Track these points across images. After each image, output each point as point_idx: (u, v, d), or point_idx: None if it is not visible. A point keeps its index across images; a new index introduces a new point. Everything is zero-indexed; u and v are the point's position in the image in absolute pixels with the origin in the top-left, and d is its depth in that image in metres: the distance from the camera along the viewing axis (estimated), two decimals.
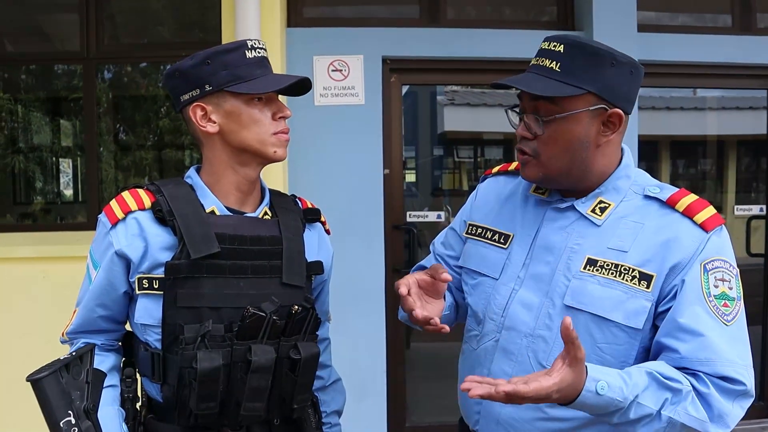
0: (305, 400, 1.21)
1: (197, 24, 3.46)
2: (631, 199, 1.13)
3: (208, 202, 1.18)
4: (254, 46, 1.17)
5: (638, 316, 1.05)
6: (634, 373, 0.98)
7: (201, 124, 1.17)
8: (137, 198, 1.16)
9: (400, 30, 3.05)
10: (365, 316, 3.01)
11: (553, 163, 1.10)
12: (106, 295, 1.17)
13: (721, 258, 1.06)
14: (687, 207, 1.08)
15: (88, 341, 1.19)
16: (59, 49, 3.48)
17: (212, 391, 1.08)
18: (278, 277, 1.18)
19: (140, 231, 1.14)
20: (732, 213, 3.60)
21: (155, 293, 1.13)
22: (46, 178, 3.80)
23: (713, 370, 0.99)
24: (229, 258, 1.14)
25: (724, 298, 1.03)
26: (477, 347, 1.20)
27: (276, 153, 1.19)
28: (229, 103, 1.15)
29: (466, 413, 1.25)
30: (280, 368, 1.14)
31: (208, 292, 1.13)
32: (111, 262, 1.15)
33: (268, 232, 1.20)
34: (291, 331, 1.16)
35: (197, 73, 1.15)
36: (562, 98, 1.06)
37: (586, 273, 1.09)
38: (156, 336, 1.14)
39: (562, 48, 1.07)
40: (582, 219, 1.13)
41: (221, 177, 1.20)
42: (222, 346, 1.10)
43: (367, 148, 3.02)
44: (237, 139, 1.16)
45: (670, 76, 3.28)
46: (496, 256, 1.20)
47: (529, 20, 3.34)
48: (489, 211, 1.28)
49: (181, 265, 1.11)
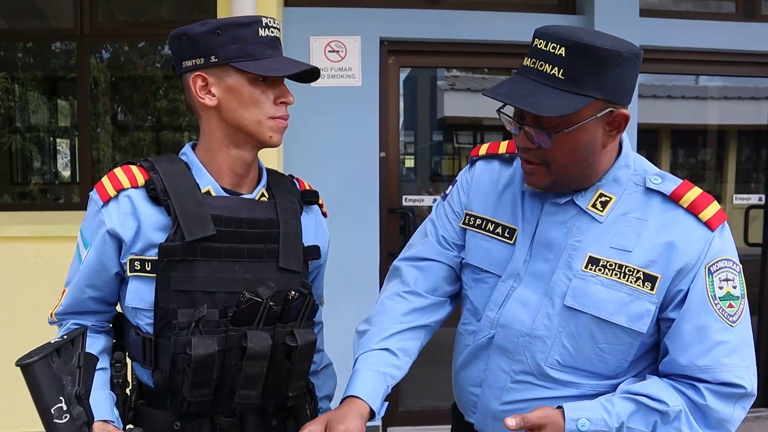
0: (301, 388, 1.18)
1: (193, 2, 3.42)
2: (632, 192, 1.08)
3: (204, 182, 1.14)
4: (268, 25, 1.12)
5: (642, 318, 1.02)
6: (617, 402, 1.00)
7: (200, 95, 1.12)
8: (130, 175, 1.12)
9: (398, 11, 3.01)
10: (359, 299, 3.00)
11: (563, 171, 1.05)
12: (97, 275, 1.14)
13: (725, 257, 1.03)
14: (692, 203, 1.04)
15: (77, 323, 1.17)
16: (54, 26, 3.45)
17: (206, 378, 1.06)
18: (275, 261, 1.15)
19: (133, 210, 1.10)
20: (731, 202, 3.59)
21: (147, 276, 1.09)
22: (44, 158, 3.79)
23: (713, 377, 0.99)
24: (224, 241, 1.10)
25: (728, 299, 1.02)
26: (471, 343, 1.17)
27: (272, 138, 1.14)
28: (232, 79, 1.10)
29: (462, 402, 1.23)
30: (275, 355, 1.11)
31: (202, 276, 1.09)
32: (103, 241, 1.11)
33: (265, 214, 1.16)
34: (287, 317, 1.13)
35: (205, 41, 1.10)
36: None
37: (588, 272, 1.05)
38: (148, 320, 1.11)
39: (564, 51, 0.95)
40: (582, 214, 1.08)
41: (215, 155, 1.16)
42: (216, 332, 1.07)
43: (364, 131, 2.99)
44: (234, 117, 1.12)
45: (672, 62, 3.25)
46: (502, 251, 1.14)
47: (531, 3, 3.29)
48: (486, 199, 1.20)
49: (175, 247, 1.07)
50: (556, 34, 0.97)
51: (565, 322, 1.05)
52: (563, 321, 1.05)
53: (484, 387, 1.14)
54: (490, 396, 1.13)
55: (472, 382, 1.17)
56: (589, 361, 1.05)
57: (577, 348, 1.05)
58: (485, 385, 1.13)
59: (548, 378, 1.07)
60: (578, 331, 1.05)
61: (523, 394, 1.09)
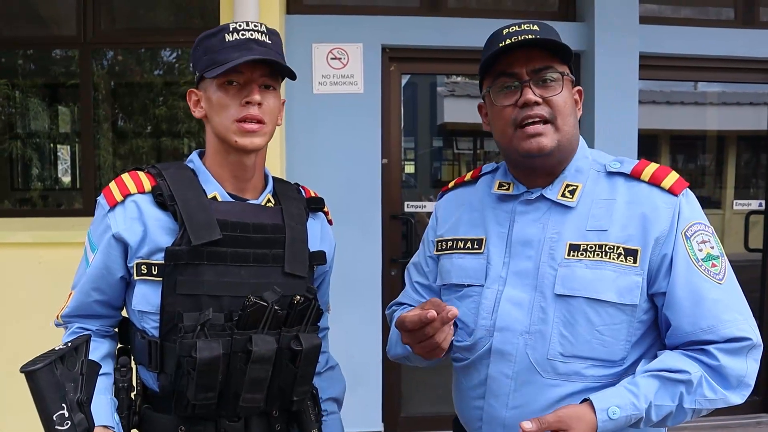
0: (305, 392, 1.19)
1: (196, 10, 3.42)
2: (595, 178, 1.15)
3: (210, 188, 1.16)
4: (237, 29, 1.12)
5: (631, 291, 1.05)
6: (641, 382, 1.00)
7: (193, 109, 1.18)
8: (137, 181, 1.14)
9: (400, 18, 3.03)
10: (361, 306, 3.01)
11: (566, 127, 1.11)
12: (103, 279, 1.15)
13: (696, 221, 1.08)
14: (652, 175, 1.11)
15: (82, 326, 1.18)
16: (56, 33, 3.46)
17: (211, 381, 1.06)
18: (280, 266, 1.16)
19: (139, 215, 1.12)
20: (731, 208, 3.60)
21: (154, 279, 1.10)
22: (44, 164, 3.79)
23: (719, 335, 1.02)
24: (230, 245, 1.12)
25: (710, 259, 1.06)
26: (471, 356, 1.16)
27: (237, 142, 1.13)
28: (210, 89, 1.14)
29: (466, 418, 1.20)
30: (280, 359, 1.12)
31: (208, 280, 1.10)
32: (108, 245, 1.12)
33: (270, 219, 1.18)
34: (292, 322, 1.14)
35: (193, 59, 1.16)
36: (561, 63, 1.11)
37: (571, 259, 1.08)
38: (154, 323, 1.11)
39: (536, 27, 1.11)
40: (555, 206, 1.13)
41: (215, 162, 1.18)
42: (222, 336, 1.07)
43: (366, 137, 3.00)
44: (213, 125, 1.15)
45: (672, 69, 3.27)
46: (476, 263, 1.18)
47: (531, 11, 3.31)
48: (454, 222, 1.26)
49: (182, 251, 1.08)
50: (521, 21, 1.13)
51: (560, 311, 1.07)
52: (557, 311, 1.08)
53: (488, 398, 1.13)
54: (496, 405, 1.12)
55: (475, 395, 1.16)
56: (590, 347, 1.06)
57: (576, 334, 1.06)
58: (489, 395, 1.13)
59: (552, 372, 1.07)
60: (573, 318, 1.07)
61: (529, 395, 1.09)
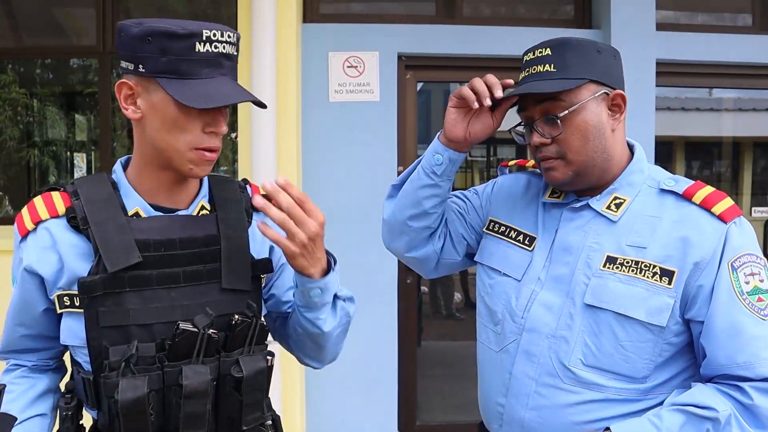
0: (256, 420, 1.07)
1: (212, 19, 3.45)
2: (646, 194, 1.12)
3: (131, 203, 1.03)
4: (211, 39, 0.95)
5: (661, 313, 1.04)
6: (666, 416, 0.99)
7: (124, 104, 0.99)
8: (49, 204, 1.02)
9: (415, 27, 3.04)
10: (377, 313, 3.00)
11: (579, 158, 1.10)
12: (25, 313, 1.06)
13: (747, 252, 1.04)
14: (704, 199, 1.07)
15: (17, 363, 1.11)
16: (75, 43, 3.50)
17: (140, 424, 0.95)
18: (217, 281, 1.04)
19: (53, 243, 1.01)
20: (749, 215, 3.57)
21: (77, 311, 0.99)
22: (61, 172, 3.83)
23: (755, 374, 0.99)
24: (155, 266, 1.00)
25: (757, 293, 1.02)
26: (498, 350, 1.18)
27: (192, 170, 1.00)
28: (158, 95, 0.96)
29: (487, 415, 1.22)
30: (224, 388, 1.01)
31: (134, 308, 0.98)
32: (23, 279, 1.03)
33: (202, 231, 1.05)
34: (233, 345, 1.02)
35: (135, 47, 0.95)
36: (568, 92, 1.09)
37: (606, 271, 1.08)
38: (86, 358, 1.00)
39: (549, 50, 1.10)
40: (598, 217, 1.13)
41: (143, 172, 1.04)
42: (151, 370, 0.97)
43: (382, 145, 3.01)
44: (155, 137, 0.99)
45: (688, 75, 3.25)
46: (521, 257, 1.19)
47: (546, 18, 3.31)
48: (510, 209, 1.27)
49: (96, 281, 0.96)
50: (539, 42, 1.14)
51: (587, 321, 1.07)
52: (584, 320, 1.08)
53: (509, 396, 1.14)
54: (516, 404, 1.13)
55: (497, 392, 1.17)
56: (612, 361, 1.06)
57: (600, 346, 1.06)
58: (511, 393, 1.14)
59: (573, 378, 1.08)
60: (599, 329, 1.06)
61: (548, 399, 1.09)
